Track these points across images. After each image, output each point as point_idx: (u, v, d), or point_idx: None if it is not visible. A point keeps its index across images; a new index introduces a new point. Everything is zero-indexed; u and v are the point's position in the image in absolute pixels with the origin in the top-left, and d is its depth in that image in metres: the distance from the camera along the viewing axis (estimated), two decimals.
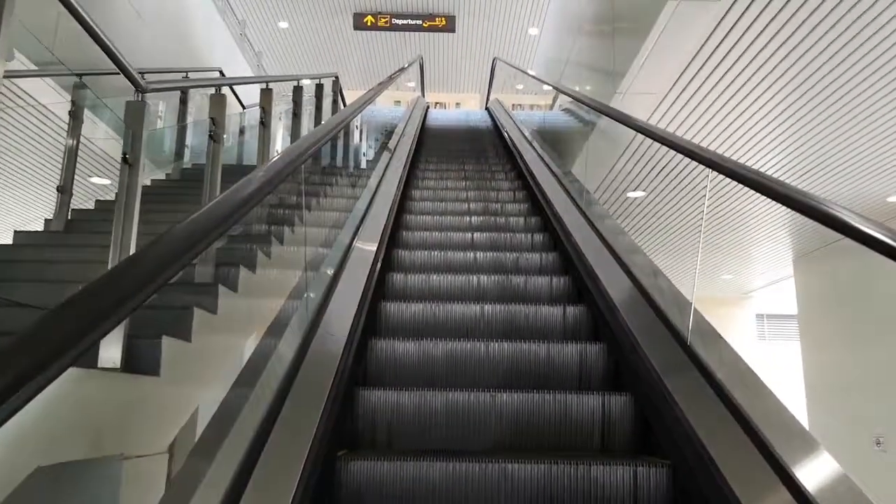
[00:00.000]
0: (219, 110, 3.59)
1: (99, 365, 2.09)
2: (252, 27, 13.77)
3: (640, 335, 2.46)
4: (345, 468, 1.95)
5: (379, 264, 3.38)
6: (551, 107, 9.25)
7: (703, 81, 4.92)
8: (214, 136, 3.52)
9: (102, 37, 2.47)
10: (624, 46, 4.97)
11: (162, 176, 5.96)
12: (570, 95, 4.93)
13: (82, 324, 0.80)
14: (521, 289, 3.45)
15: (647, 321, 2.52)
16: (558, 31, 8.60)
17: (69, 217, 4.15)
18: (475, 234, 4.28)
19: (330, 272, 2.93)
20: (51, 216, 4.17)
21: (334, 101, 7.40)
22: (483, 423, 2.28)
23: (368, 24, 13.49)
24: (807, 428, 1.72)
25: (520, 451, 2.25)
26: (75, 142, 4.14)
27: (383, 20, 13.44)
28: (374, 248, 3.51)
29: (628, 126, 3.63)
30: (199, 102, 6.86)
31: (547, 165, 5.58)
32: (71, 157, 4.14)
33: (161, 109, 6.41)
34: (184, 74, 6.49)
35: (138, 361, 2.14)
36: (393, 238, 4.10)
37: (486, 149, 7.53)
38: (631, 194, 7.54)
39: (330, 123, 3.29)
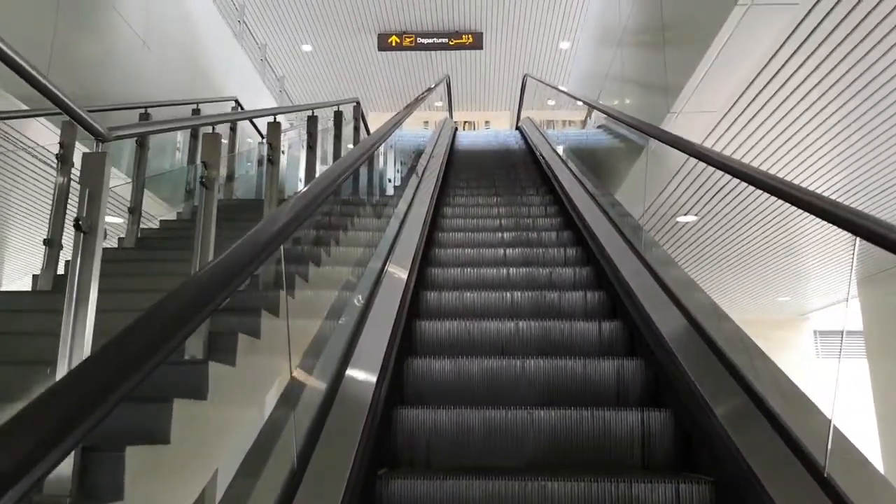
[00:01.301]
0: (212, 152, 3.09)
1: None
2: (274, 51, 13.49)
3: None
4: (385, 487, 1.96)
5: (411, 290, 3.26)
6: (584, 122, 8.66)
7: (771, 97, 4.30)
8: (206, 182, 3.02)
9: (36, 75, 1.96)
10: (678, 59, 4.36)
11: (174, 215, 5.55)
12: (617, 118, 4.34)
13: None
14: (564, 336, 3.04)
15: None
16: (594, 44, 8.01)
17: (57, 273, 3.70)
18: (510, 270, 3.89)
19: (363, 296, 2.86)
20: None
21: (356, 129, 6.92)
22: (521, 441, 2.26)
23: (393, 44, 13.09)
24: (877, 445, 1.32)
25: (559, 468, 2.20)
26: (65, 188, 3.67)
27: (408, 40, 13.03)
28: (405, 280, 3.31)
29: (691, 155, 3.04)
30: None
31: (589, 193, 5.00)
32: (60, 205, 3.67)
33: (179, 141, 6.01)
34: (194, 106, 6.10)
35: None
36: (421, 278, 3.74)
37: (519, 174, 6.95)
38: (681, 219, 6.89)
39: (348, 159, 2.78)
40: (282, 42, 13.27)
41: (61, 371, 2.01)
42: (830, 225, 1.76)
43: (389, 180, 6.87)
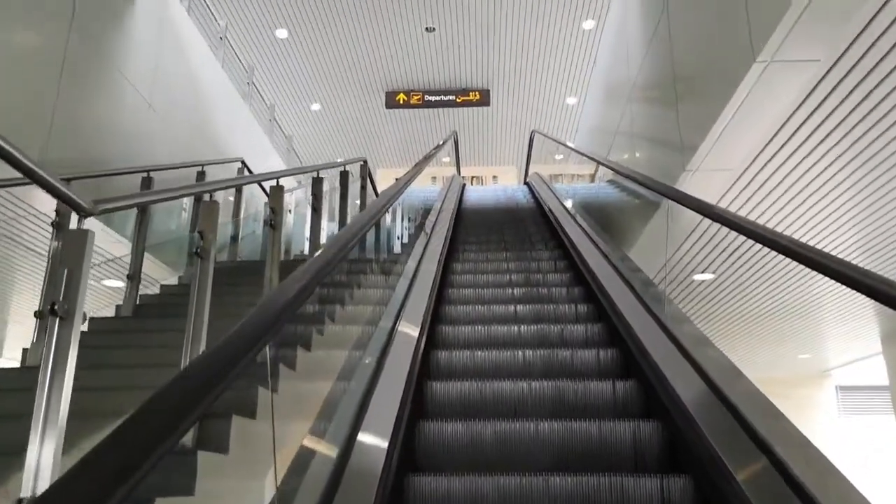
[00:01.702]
0: (208, 221, 2.95)
1: None
2: (283, 111, 13.63)
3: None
4: None
5: (421, 349, 3.18)
6: (593, 176, 8.54)
7: (790, 155, 4.14)
8: (202, 252, 2.86)
9: (6, 147, 1.81)
10: (693, 116, 4.24)
11: (175, 279, 5.41)
12: (634, 178, 4.18)
13: None
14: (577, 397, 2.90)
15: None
16: (603, 99, 7.97)
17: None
18: (521, 327, 3.75)
19: (373, 359, 2.79)
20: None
21: (362, 188, 6.84)
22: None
23: (401, 102, 13.20)
24: None
25: None
26: (59, 257, 3.50)
27: (416, 97, 13.14)
28: (415, 339, 3.22)
29: (719, 222, 2.86)
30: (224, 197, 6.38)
31: (602, 252, 4.81)
32: (54, 275, 3.50)
33: (185, 202, 5.92)
34: (199, 168, 6.02)
35: None
36: (431, 340, 3.62)
37: (528, 229, 6.79)
38: (698, 277, 6.67)
39: (346, 235, 2.60)
40: (290, 101, 13.42)
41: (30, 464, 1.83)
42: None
43: (398, 237, 6.76)
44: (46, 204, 4.47)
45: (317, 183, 4.88)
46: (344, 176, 6.02)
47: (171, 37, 6.55)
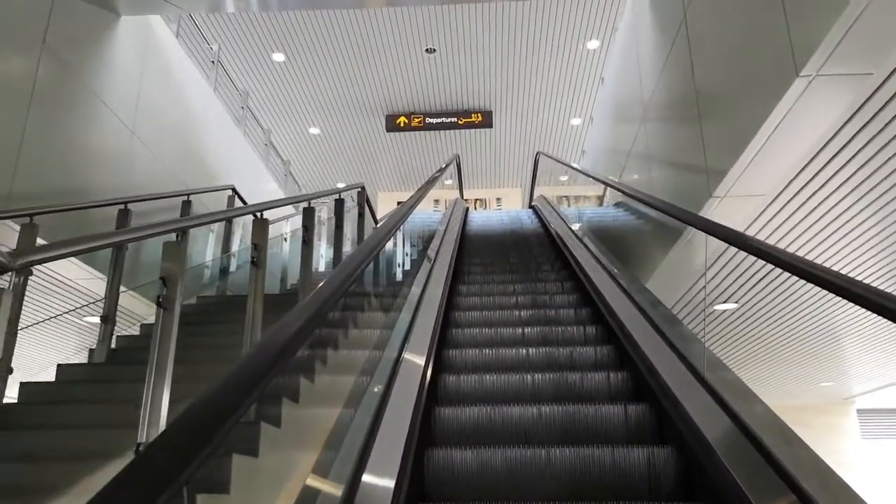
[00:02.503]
0: (174, 263, 2.55)
1: None
2: (280, 135, 13.32)
3: None
4: None
5: (428, 377, 3.03)
6: (601, 199, 8.14)
7: (829, 179, 3.74)
8: (164, 302, 2.46)
9: None
10: (719, 137, 3.84)
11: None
12: (658, 207, 3.76)
13: None
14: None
15: None
16: (612, 120, 7.60)
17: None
18: (535, 377, 3.33)
19: (380, 387, 2.68)
20: None
21: (360, 215, 6.44)
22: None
23: (401, 125, 12.88)
24: None
25: None
26: (15, 304, 3.09)
27: (416, 120, 12.82)
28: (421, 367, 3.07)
29: (754, 254, 2.46)
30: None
31: (619, 285, 4.39)
32: (11, 327, 3.10)
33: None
34: (185, 197, 5.65)
35: None
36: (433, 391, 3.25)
37: (538, 261, 6.36)
38: (720, 307, 6.24)
39: (335, 279, 2.20)
40: (288, 126, 13.11)
41: None
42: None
43: (399, 265, 6.43)
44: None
45: (307, 214, 4.48)
46: (339, 204, 5.63)
47: (157, 61, 6.22)
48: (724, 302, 6.08)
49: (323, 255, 6.44)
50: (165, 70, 6.41)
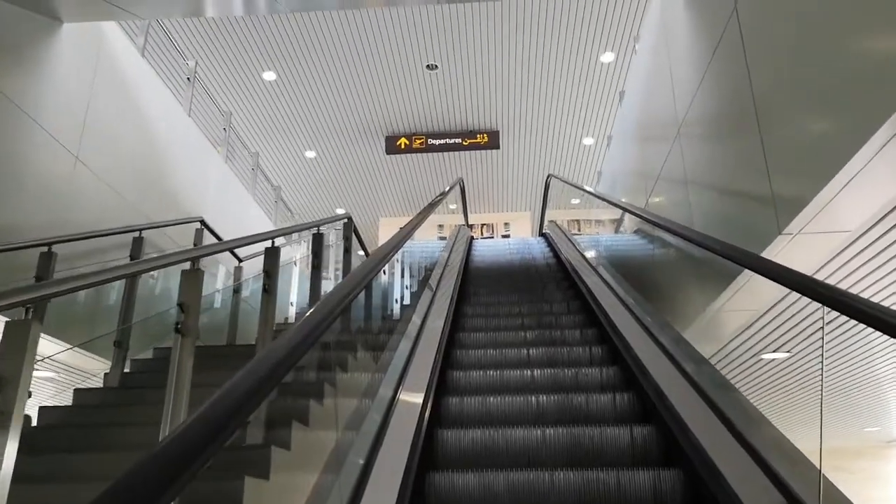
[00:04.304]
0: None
1: None
2: (272, 159, 12.55)
3: None
4: None
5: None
6: (617, 225, 7.25)
7: None
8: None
9: None
10: (796, 158, 2.95)
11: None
12: (717, 251, 2.86)
13: None
14: None
15: None
16: (636, 138, 6.72)
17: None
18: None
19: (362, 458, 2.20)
20: None
21: (346, 250, 5.57)
22: None
23: (402, 146, 12.08)
24: None
25: None
26: None
27: (418, 141, 12.01)
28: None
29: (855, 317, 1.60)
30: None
31: (652, 335, 3.49)
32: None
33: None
34: (136, 233, 4.81)
35: None
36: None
37: (553, 300, 5.44)
38: (768, 356, 5.31)
39: (312, 321, 1.43)
40: (281, 149, 12.34)
41: None
42: None
43: (397, 300, 5.65)
44: None
45: (270, 255, 3.62)
46: (317, 240, 4.77)
47: (112, 77, 5.42)
48: (774, 351, 5.15)
49: (294, 302, 5.57)
50: (123, 87, 5.61)
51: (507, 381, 3.57)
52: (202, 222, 5.84)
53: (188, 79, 7.31)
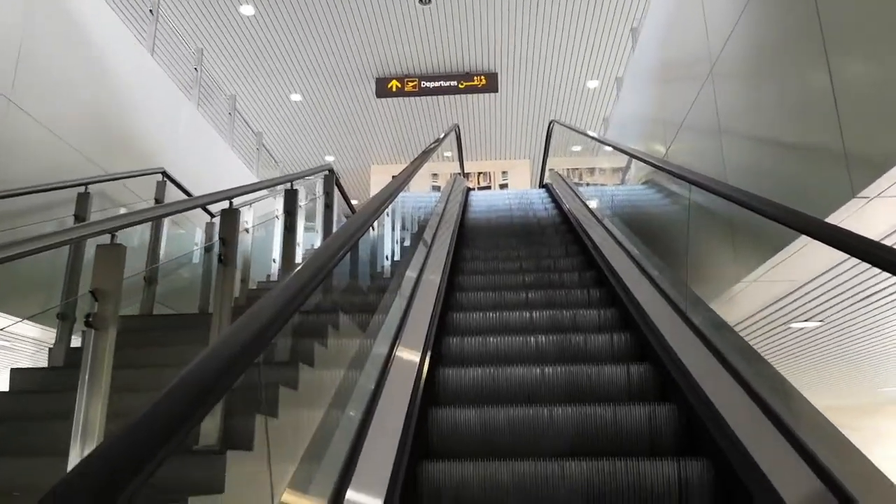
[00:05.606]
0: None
1: None
2: (254, 103, 11.75)
3: None
4: None
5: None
6: (623, 174, 6.64)
7: None
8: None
9: None
10: (877, 106, 2.32)
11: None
12: (769, 214, 2.27)
13: None
14: None
15: None
16: (653, 80, 6.01)
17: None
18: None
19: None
20: None
21: (327, 206, 4.96)
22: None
23: (393, 89, 11.29)
24: None
25: None
26: None
27: (411, 84, 11.22)
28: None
29: None
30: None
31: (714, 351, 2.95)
32: None
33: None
34: (82, 188, 4.18)
35: None
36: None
37: (560, 268, 4.85)
38: (797, 325, 4.78)
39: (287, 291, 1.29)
40: (263, 92, 11.53)
41: None
42: None
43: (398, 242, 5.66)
44: None
45: (227, 218, 3.00)
46: (290, 197, 4.15)
47: (51, 7, 4.68)
48: (806, 321, 4.62)
49: (277, 259, 5.00)
50: (68, 17, 4.87)
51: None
52: (164, 174, 5.19)
53: (150, 11, 6.51)
